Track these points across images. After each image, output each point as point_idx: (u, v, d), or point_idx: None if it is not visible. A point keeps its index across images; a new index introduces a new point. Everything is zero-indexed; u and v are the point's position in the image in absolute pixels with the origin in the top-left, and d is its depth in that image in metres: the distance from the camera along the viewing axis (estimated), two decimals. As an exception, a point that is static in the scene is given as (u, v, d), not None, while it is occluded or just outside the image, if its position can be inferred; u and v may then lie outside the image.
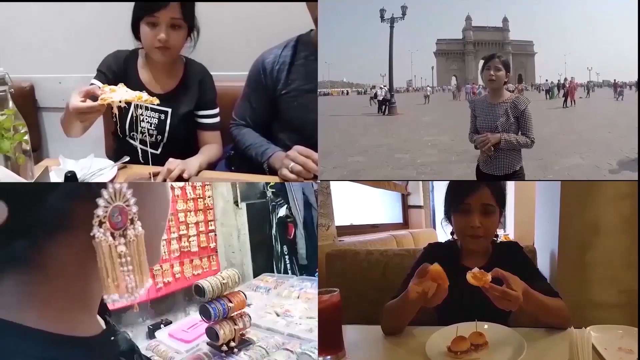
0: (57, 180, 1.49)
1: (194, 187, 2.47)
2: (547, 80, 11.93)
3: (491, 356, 1.05)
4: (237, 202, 2.79)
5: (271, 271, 2.71)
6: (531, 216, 2.13)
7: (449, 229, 1.43)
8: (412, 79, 16.94)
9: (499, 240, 1.45)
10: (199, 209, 2.52)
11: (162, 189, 0.64)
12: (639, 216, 1.47)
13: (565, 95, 8.67)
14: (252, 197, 2.89)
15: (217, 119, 2.02)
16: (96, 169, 1.67)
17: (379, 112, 7.99)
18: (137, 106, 1.46)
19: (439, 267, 1.07)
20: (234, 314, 1.72)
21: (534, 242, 1.90)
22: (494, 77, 1.53)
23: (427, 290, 1.06)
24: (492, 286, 1.05)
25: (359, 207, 3.52)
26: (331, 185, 2.18)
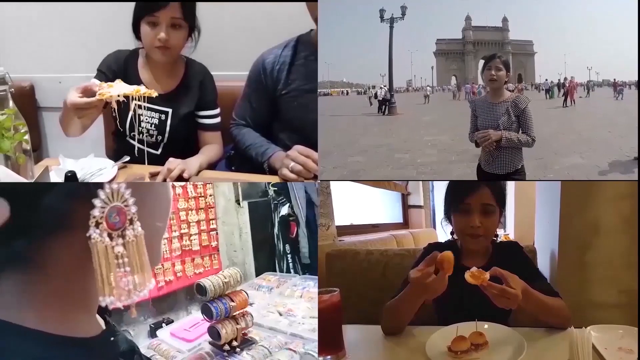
0: (57, 179, 1.49)
1: (195, 186, 2.46)
2: (546, 79, 11.92)
3: (491, 356, 1.05)
4: (238, 201, 2.79)
5: (273, 270, 2.69)
6: (531, 216, 2.13)
7: (449, 228, 1.43)
8: (412, 79, 16.94)
9: (499, 240, 1.45)
10: (200, 208, 2.51)
11: (162, 189, 0.63)
12: (639, 216, 1.47)
13: (565, 94, 8.67)
14: (253, 195, 2.88)
15: (217, 120, 2.02)
16: (96, 169, 1.67)
17: (379, 112, 7.99)
18: (138, 106, 1.46)
19: (450, 254, 1.07)
20: (236, 313, 1.71)
21: (534, 242, 1.90)
22: (495, 77, 1.53)
23: (429, 272, 1.06)
24: (490, 284, 1.05)
25: (359, 206, 3.52)
26: (331, 185, 2.18)
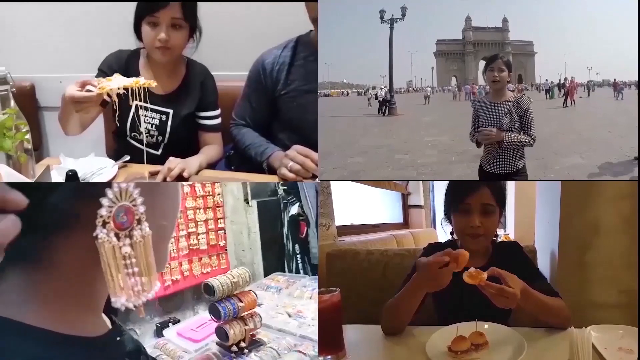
0: (58, 178, 1.49)
1: (204, 185, 2.42)
2: (547, 80, 11.94)
3: (491, 356, 1.06)
4: (247, 200, 2.74)
5: (282, 270, 2.66)
6: (531, 216, 2.13)
7: (448, 228, 1.43)
8: (412, 80, 16.97)
9: (499, 240, 1.45)
10: (208, 207, 2.48)
11: (172, 189, 0.61)
12: (639, 216, 1.47)
13: (565, 94, 8.68)
14: (262, 194, 2.82)
15: (218, 120, 2.02)
16: (96, 168, 1.67)
17: (379, 112, 8.00)
18: (138, 107, 1.46)
19: (467, 253, 1.06)
20: (245, 313, 1.69)
21: (534, 242, 1.90)
22: (497, 78, 1.54)
23: (443, 260, 1.05)
24: (488, 284, 1.05)
25: (360, 206, 3.52)
26: (332, 185, 2.18)
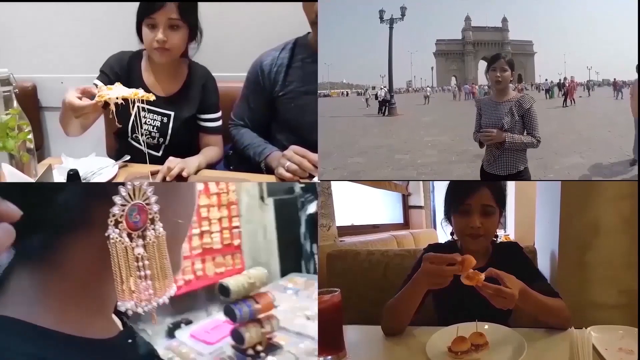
0: (59, 178, 1.50)
1: (217, 182, 2.32)
2: (546, 79, 11.94)
3: (491, 356, 1.06)
4: (262, 198, 2.64)
5: (300, 271, 2.57)
6: (531, 216, 2.13)
7: (449, 229, 1.43)
8: (411, 80, 16.95)
9: (499, 240, 1.45)
10: (222, 204, 2.39)
11: (187, 189, 0.58)
12: (639, 216, 1.47)
13: (565, 94, 8.68)
14: (279, 192, 2.70)
15: (219, 123, 2.02)
16: (97, 168, 1.68)
17: (379, 112, 8.00)
18: (140, 108, 1.46)
19: (474, 260, 1.06)
20: (261, 316, 1.62)
21: (534, 242, 1.90)
22: (500, 78, 1.53)
23: (450, 259, 1.05)
24: (485, 284, 1.05)
25: (360, 207, 3.52)
26: (332, 185, 2.19)
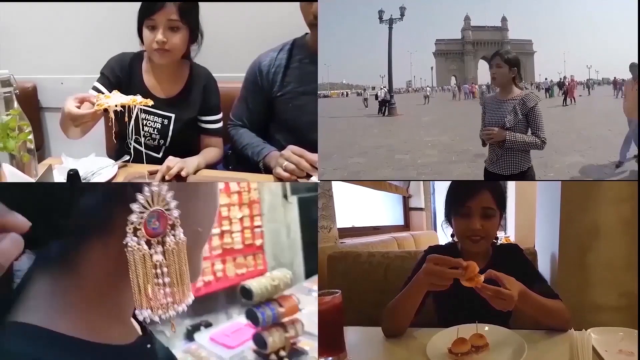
0: (60, 178, 1.50)
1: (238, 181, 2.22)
2: (546, 78, 11.96)
3: (492, 358, 1.06)
4: (286, 196, 2.57)
5: None
6: (532, 218, 2.13)
7: (449, 231, 1.43)
8: (411, 80, 16.99)
9: (500, 242, 1.45)
10: (243, 203, 2.31)
11: (209, 191, 0.56)
12: (639, 218, 1.47)
13: (565, 93, 8.69)
14: (303, 190, 2.61)
15: (219, 124, 2.02)
16: (96, 168, 1.68)
17: (378, 113, 8.01)
18: (141, 110, 1.47)
19: (477, 267, 1.07)
20: (285, 319, 1.58)
21: (534, 244, 1.90)
22: (495, 75, 1.53)
23: (454, 262, 1.06)
24: (484, 286, 1.05)
25: (361, 209, 3.52)
26: (333, 187, 2.19)
